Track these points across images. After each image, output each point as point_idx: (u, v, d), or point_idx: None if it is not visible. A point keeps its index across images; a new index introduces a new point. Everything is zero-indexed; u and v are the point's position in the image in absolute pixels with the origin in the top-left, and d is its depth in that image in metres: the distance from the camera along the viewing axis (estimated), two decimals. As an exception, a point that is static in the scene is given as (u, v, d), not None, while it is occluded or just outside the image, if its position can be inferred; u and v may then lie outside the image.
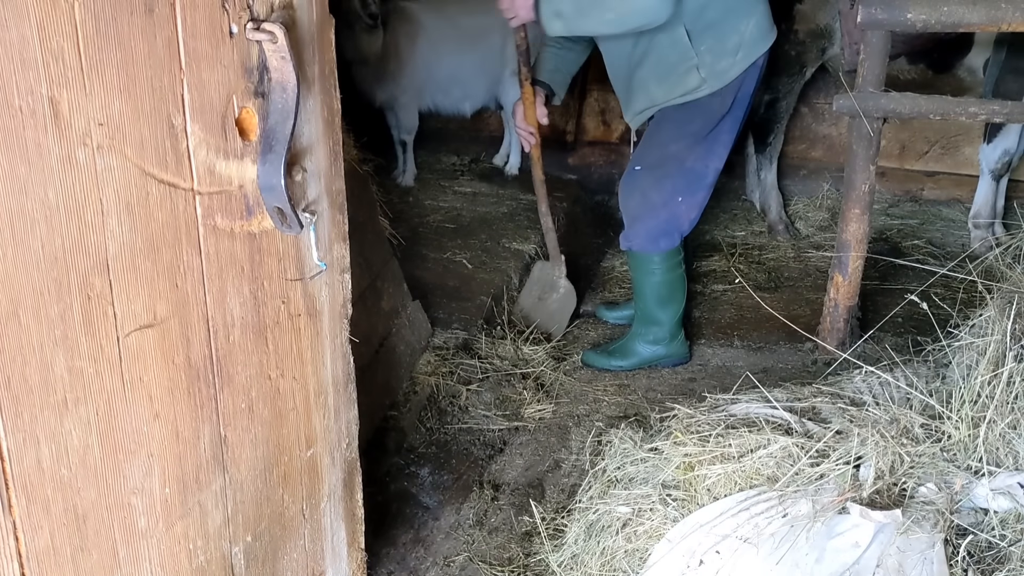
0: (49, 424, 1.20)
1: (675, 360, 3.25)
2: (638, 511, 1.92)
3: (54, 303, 1.18)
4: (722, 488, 1.82)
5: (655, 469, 1.97)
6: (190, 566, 1.50)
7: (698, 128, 2.91)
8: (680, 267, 3.12)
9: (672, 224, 3.01)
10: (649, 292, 3.13)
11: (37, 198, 1.13)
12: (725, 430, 1.93)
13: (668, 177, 2.96)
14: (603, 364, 3.28)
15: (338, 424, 1.86)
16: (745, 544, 1.67)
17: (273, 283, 1.60)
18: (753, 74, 2.89)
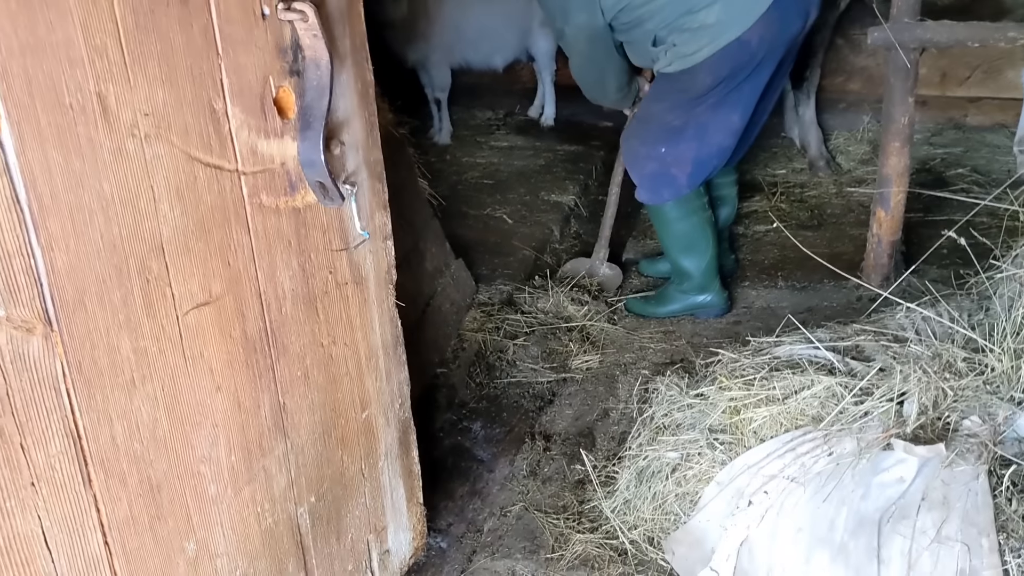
0: (120, 403, 1.27)
1: (713, 311, 3.26)
2: (687, 456, 1.97)
3: (116, 288, 1.24)
4: (768, 430, 1.85)
5: (701, 414, 2.01)
6: (259, 528, 1.58)
7: (676, 95, 2.95)
8: (696, 215, 3.10)
9: (664, 174, 3.03)
10: (670, 243, 3.17)
11: (93, 190, 1.19)
12: (769, 373, 1.96)
13: (648, 130, 3.04)
14: (641, 310, 3.34)
15: (390, 386, 1.92)
16: (792, 483, 1.71)
17: (319, 254, 1.65)
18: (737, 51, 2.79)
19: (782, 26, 2.80)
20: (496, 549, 2.33)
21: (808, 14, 2.92)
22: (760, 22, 2.72)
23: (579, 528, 2.31)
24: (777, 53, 2.87)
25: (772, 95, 3.12)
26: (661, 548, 2.11)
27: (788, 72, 3.21)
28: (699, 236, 3.14)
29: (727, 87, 2.86)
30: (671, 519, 2.04)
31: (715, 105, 2.90)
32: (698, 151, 2.98)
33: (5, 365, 1.10)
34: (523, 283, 3.48)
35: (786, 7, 2.77)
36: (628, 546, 2.18)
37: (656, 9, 2.79)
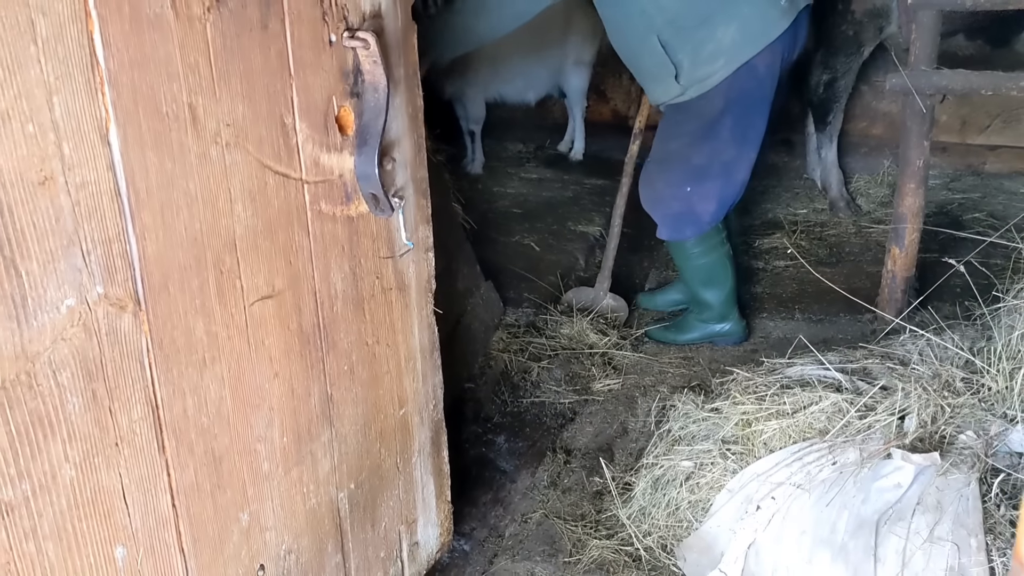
0: (192, 379, 1.42)
1: (731, 339, 3.37)
2: (700, 465, 2.09)
3: (195, 277, 1.40)
4: (777, 442, 1.97)
5: (715, 427, 2.14)
6: (304, 507, 1.72)
7: (693, 128, 3.00)
8: (716, 251, 3.20)
9: (688, 212, 3.09)
10: (690, 276, 3.28)
11: (180, 189, 1.35)
12: (780, 390, 2.09)
13: (672, 170, 3.08)
14: (663, 337, 3.45)
15: (426, 387, 2.07)
16: (798, 489, 1.83)
17: (368, 260, 1.81)
18: (746, 75, 2.87)
19: (784, 53, 2.93)
20: (516, 552, 2.46)
21: (796, 48, 3.05)
22: (769, 47, 2.84)
23: (596, 535, 2.43)
24: (776, 81, 2.97)
25: None
26: (674, 554, 2.23)
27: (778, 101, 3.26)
28: (719, 269, 3.25)
29: (738, 117, 2.94)
30: (684, 526, 2.16)
31: (732, 140, 2.98)
32: (723, 188, 3.07)
33: (100, 337, 1.26)
34: (548, 308, 3.62)
35: (787, 35, 2.91)
36: (642, 552, 2.30)
37: None
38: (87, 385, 1.24)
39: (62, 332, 1.19)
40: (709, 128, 2.98)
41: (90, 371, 1.24)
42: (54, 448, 1.20)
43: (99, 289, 1.24)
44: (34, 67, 1.09)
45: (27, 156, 1.11)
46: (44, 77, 1.11)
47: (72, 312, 1.20)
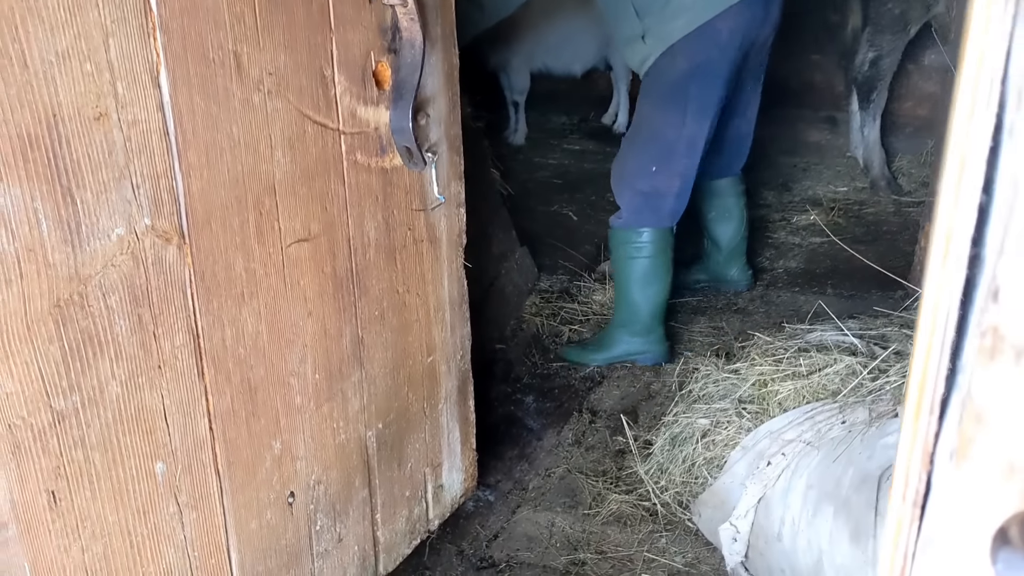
0: (230, 311, 1.52)
1: (653, 358, 3.13)
2: (716, 423, 2.16)
3: (235, 215, 1.50)
4: (791, 402, 2.03)
5: (733, 387, 2.20)
6: (334, 442, 1.82)
7: (660, 93, 2.90)
8: (665, 255, 3.01)
9: (653, 196, 2.96)
10: (629, 276, 3.04)
11: (224, 132, 1.44)
12: (797, 353, 2.14)
13: (639, 144, 2.97)
14: (578, 357, 3.21)
15: (453, 337, 2.16)
16: (807, 446, 1.89)
17: (401, 212, 1.89)
18: (709, 39, 2.79)
19: (751, 24, 2.82)
20: (539, 504, 2.55)
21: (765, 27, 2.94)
22: (732, 11, 2.75)
23: (616, 489, 2.51)
24: (743, 52, 2.87)
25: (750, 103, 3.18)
26: (689, 509, 2.30)
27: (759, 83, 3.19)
28: (661, 274, 3.03)
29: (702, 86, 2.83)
30: (699, 482, 2.23)
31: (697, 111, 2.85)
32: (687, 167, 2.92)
33: (147, 266, 1.36)
34: (582, 276, 3.69)
35: (756, 6, 2.82)
36: (659, 507, 2.38)
37: None
38: (133, 310, 1.34)
39: (112, 258, 1.29)
40: (674, 96, 2.86)
41: (136, 297, 1.34)
42: (102, 366, 1.31)
43: (147, 221, 1.34)
44: (92, 10, 1.19)
45: (84, 93, 1.21)
46: (101, 20, 1.20)
47: (121, 240, 1.30)
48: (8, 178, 1.14)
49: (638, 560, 2.27)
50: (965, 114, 0.49)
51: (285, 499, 1.70)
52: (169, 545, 1.46)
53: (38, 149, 1.17)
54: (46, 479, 1.25)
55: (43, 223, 1.19)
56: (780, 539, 1.91)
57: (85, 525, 1.31)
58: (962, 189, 0.50)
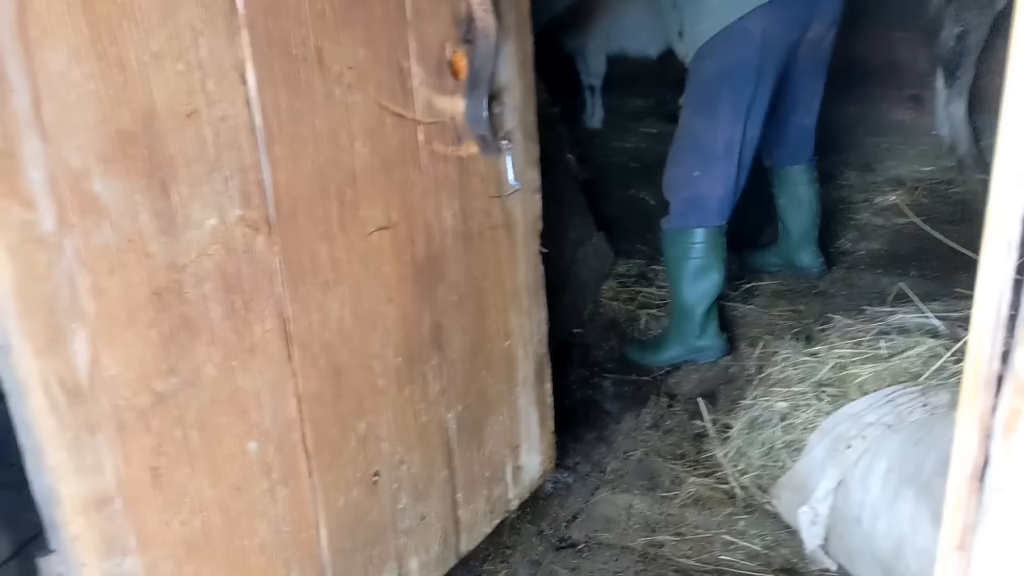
0: (316, 298, 1.58)
1: (713, 355, 3.11)
2: (795, 406, 2.15)
3: (319, 205, 1.56)
4: (872, 385, 2.01)
5: (812, 370, 2.19)
6: (415, 423, 1.88)
7: (695, 96, 2.90)
8: (715, 254, 2.99)
9: (697, 200, 2.94)
10: (681, 276, 3.03)
11: (307, 125, 1.50)
12: (877, 335, 2.12)
13: (680, 151, 2.98)
14: (640, 357, 3.20)
15: (530, 322, 2.19)
16: (888, 429, 1.87)
17: (477, 199, 1.94)
18: (740, 42, 2.75)
19: (788, 25, 2.78)
20: (617, 486, 2.57)
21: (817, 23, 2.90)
22: (762, 12, 2.69)
23: (694, 472, 2.52)
24: (783, 52, 2.83)
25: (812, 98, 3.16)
26: (768, 493, 2.30)
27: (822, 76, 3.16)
28: (713, 274, 3.01)
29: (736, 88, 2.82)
30: (778, 465, 2.23)
31: (733, 114, 2.84)
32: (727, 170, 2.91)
33: (238, 254, 1.43)
34: (660, 259, 3.69)
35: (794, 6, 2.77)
36: (738, 490, 2.38)
37: None
38: (226, 296, 1.41)
39: (206, 248, 1.36)
40: (707, 98, 2.86)
41: (229, 284, 1.41)
42: (198, 349, 1.38)
43: (237, 212, 1.41)
44: (183, 11, 1.25)
45: (177, 91, 1.28)
46: (191, 20, 1.27)
47: (214, 231, 1.37)
48: (110, 174, 1.21)
49: (716, 542, 2.28)
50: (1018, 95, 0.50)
51: (370, 478, 1.77)
52: (262, 520, 1.53)
53: (136, 145, 1.24)
54: (148, 456, 1.33)
55: (142, 215, 1.26)
56: (860, 523, 1.90)
57: (184, 500, 1.39)
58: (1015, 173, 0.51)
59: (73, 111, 1.15)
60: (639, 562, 2.26)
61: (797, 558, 2.19)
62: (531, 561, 2.33)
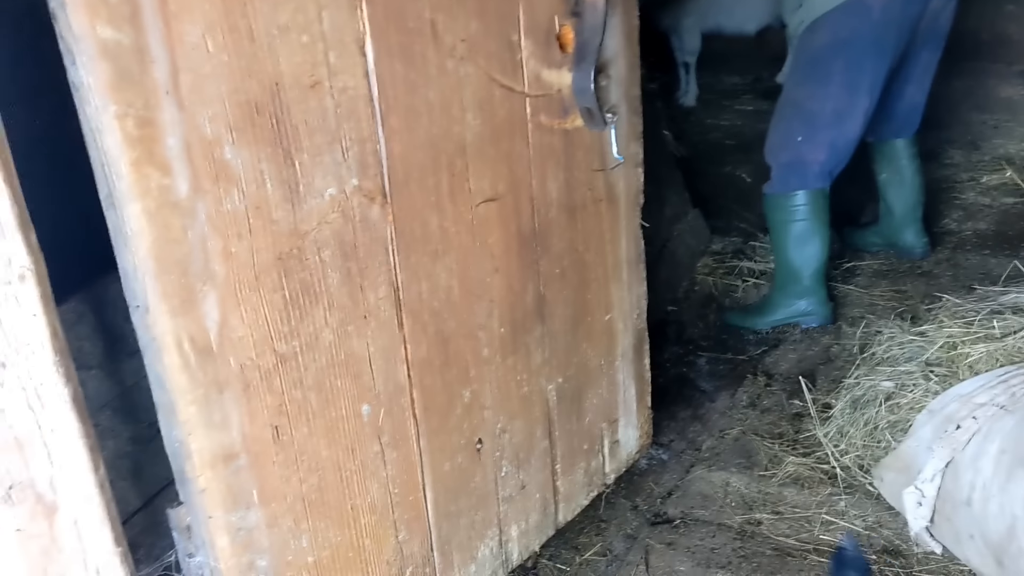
0: (426, 267, 1.62)
1: (817, 320, 3.10)
2: (901, 386, 2.11)
3: (431, 176, 1.59)
4: (983, 365, 1.96)
5: (919, 350, 2.14)
6: (518, 393, 1.90)
7: (804, 64, 2.91)
8: (820, 217, 3.00)
9: (798, 164, 2.94)
10: (785, 240, 3.04)
11: (422, 97, 1.53)
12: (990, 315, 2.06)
13: (784, 117, 2.99)
14: (742, 322, 3.22)
15: (630, 296, 2.20)
16: (1001, 410, 1.82)
17: (581, 172, 1.94)
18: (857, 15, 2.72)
19: (905, 3, 2.75)
20: (713, 464, 2.56)
21: None
22: None
23: (793, 452, 2.49)
24: (903, 27, 2.80)
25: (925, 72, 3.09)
26: (870, 474, 2.27)
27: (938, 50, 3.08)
28: (818, 237, 3.02)
29: (849, 61, 2.79)
30: (882, 446, 2.19)
31: (844, 86, 2.82)
32: (835, 138, 2.91)
33: (355, 222, 1.47)
34: (757, 236, 3.64)
35: None
36: (839, 470, 2.35)
37: None
38: (343, 263, 1.46)
39: (325, 216, 1.41)
40: (817, 67, 2.86)
41: (346, 252, 1.46)
42: (317, 314, 1.43)
43: (354, 181, 1.45)
44: (310, -15, 1.29)
45: (301, 63, 1.32)
46: (317, -6, 1.31)
47: (333, 200, 1.42)
48: (239, 142, 1.26)
49: (816, 521, 2.26)
50: None
51: (474, 445, 1.80)
52: (374, 481, 1.58)
53: (263, 115, 1.29)
54: (271, 415, 1.39)
55: (268, 183, 1.31)
56: (969, 504, 1.86)
57: (303, 458, 1.45)
58: None
59: (207, 81, 1.20)
60: (736, 539, 2.26)
61: (900, 540, 2.15)
62: (626, 535, 2.34)
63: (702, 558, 2.21)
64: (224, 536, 1.35)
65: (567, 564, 2.25)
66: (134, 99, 1.13)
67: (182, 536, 1.37)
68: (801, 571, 2.12)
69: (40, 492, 1.09)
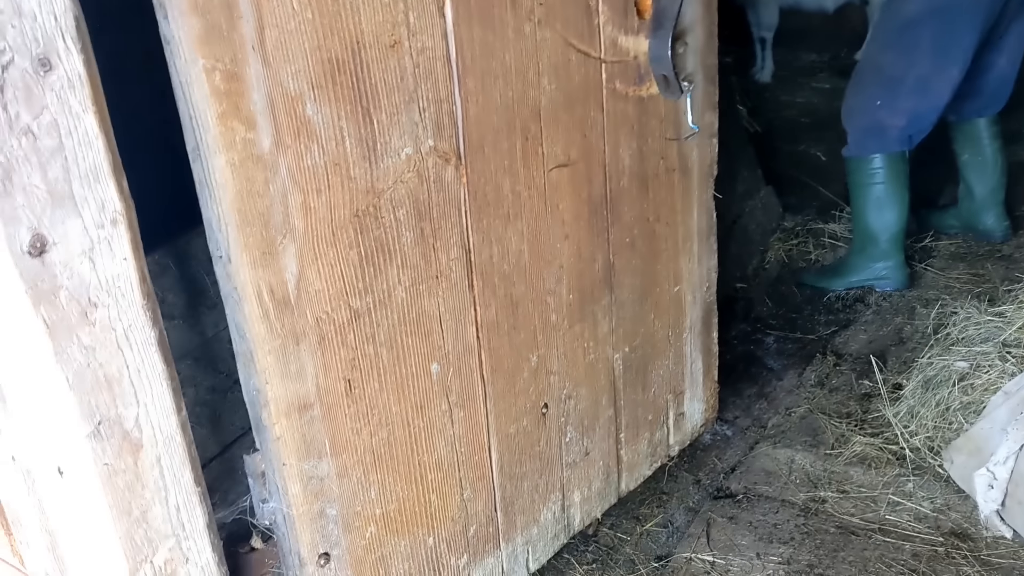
0: (497, 230, 1.64)
1: (893, 284, 3.12)
2: (976, 366, 2.07)
3: (505, 140, 1.60)
4: (1065, 348, 1.91)
5: (997, 330, 2.09)
6: (584, 360, 1.91)
7: (892, 29, 2.87)
8: (899, 180, 2.99)
9: (876, 129, 2.93)
10: (863, 203, 3.06)
11: (498, 60, 1.54)
12: (1075, 297, 2.00)
13: (864, 82, 2.96)
14: (816, 282, 3.25)
15: (700, 268, 2.19)
16: (1081, 393, 1.78)
17: (655, 141, 1.94)
18: None
19: None
20: (778, 441, 2.54)
21: None
22: None
23: (860, 432, 2.46)
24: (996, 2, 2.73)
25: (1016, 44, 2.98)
26: (940, 456, 2.23)
27: None
28: (896, 200, 3.03)
29: (938, 28, 2.74)
30: (953, 427, 2.15)
31: (931, 53, 2.78)
32: (916, 105, 2.89)
33: (429, 183, 1.49)
34: (831, 215, 3.58)
35: None
36: (907, 451, 2.31)
37: None
38: (417, 223, 1.48)
39: (401, 175, 1.43)
40: (905, 34, 2.82)
41: (420, 211, 1.48)
42: (391, 272, 1.46)
43: (430, 142, 1.47)
44: (392, -55, 1.31)
45: (382, 22, 1.34)
46: (399, -46, 1.32)
47: (409, 159, 1.44)
48: (320, 99, 1.28)
49: (882, 502, 2.23)
50: None
51: (540, 409, 1.82)
52: (440, 438, 1.61)
53: (344, 73, 1.31)
54: (344, 369, 1.42)
55: (347, 140, 1.33)
56: (1044, 489, 1.82)
57: (373, 412, 1.48)
58: None
59: (291, 38, 1.23)
60: (799, 516, 2.24)
61: (969, 523, 2.11)
62: (688, 508, 2.34)
63: (764, 533, 2.20)
64: (297, 483, 1.39)
65: (627, 533, 2.26)
66: (222, 54, 1.16)
67: (257, 482, 1.42)
68: (865, 550, 2.10)
69: (127, 429, 1.13)
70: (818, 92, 4.76)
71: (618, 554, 2.21)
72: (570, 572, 2.16)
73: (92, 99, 1.03)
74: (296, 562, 1.44)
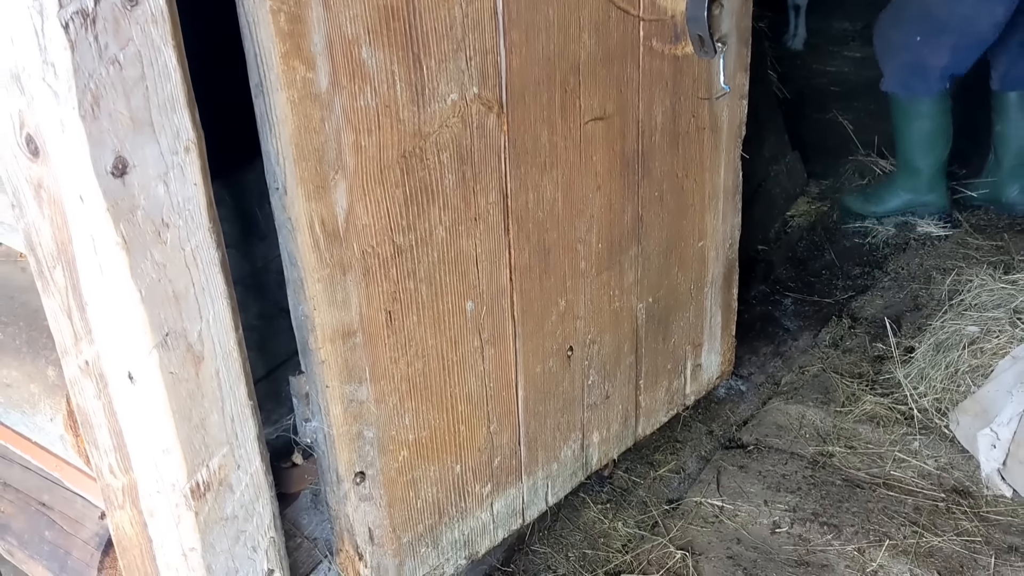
0: (533, 178, 1.71)
1: (934, 209, 3.22)
2: (986, 331, 2.14)
3: (544, 91, 1.67)
4: (1075, 315, 1.98)
5: (1010, 297, 2.16)
6: (609, 308, 2.00)
7: None
8: (943, 117, 3.05)
9: (917, 65, 2.95)
10: (908, 139, 3.11)
11: (542, 13, 1.61)
12: (1088, 267, 2.06)
13: (905, 18, 2.95)
14: (860, 208, 3.33)
15: (724, 225, 2.26)
16: (1086, 359, 1.85)
17: (687, 99, 2.00)
18: None
19: None
20: (790, 397, 2.63)
21: None
22: None
23: (871, 392, 2.54)
24: None
25: None
26: (947, 417, 2.31)
27: None
28: (940, 137, 3.09)
29: None
30: (961, 390, 2.23)
31: None
32: (958, 41, 2.89)
33: (472, 129, 1.57)
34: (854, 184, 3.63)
35: None
36: (916, 412, 2.39)
37: None
38: (459, 167, 1.56)
39: (446, 120, 1.51)
40: None
41: (462, 156, 1.56)
42: (432, 212, 1.54)
43: (475, 90, 1.54)
44: (450, -101, 1.37)
45: (436, -28, 1.41)
46: (455, -93, 1.39)
47: (454, 105, 1.51)
48: (375, 43, 1.36)
49: (888, 458, 2.32)
50: None
51: (565, 352, 1.91)
52: (471, 373, 1.71)
53: (397, 20, 1.38)
54: (385, 301, 1.51)
55: (397, 84, 1.41)
56: (1044, 449, 1.90)
57: (411, 344, 1.58)
58: None
59: (351, -16, 1.30)
60: (807, 468, 2.33)
61: (971, 481, 2.20)
62: (700, 456, 2.44)
63: (772, 482, 2.29)
64: (338, 405, 1.49)
65: (641, 477, 2.37)
66: (287, -4, 1.24)
67: (301, 402, 1.52)
68: (868, 502, 2.19)
69: (191, 342, 1.23)
70: (849, 61, 4.77)
71: (631, 496, 2.32)
72: (585, 510, 2.26)
73: (172, 34, 1.11)
74: (334, 478, 1.55)
